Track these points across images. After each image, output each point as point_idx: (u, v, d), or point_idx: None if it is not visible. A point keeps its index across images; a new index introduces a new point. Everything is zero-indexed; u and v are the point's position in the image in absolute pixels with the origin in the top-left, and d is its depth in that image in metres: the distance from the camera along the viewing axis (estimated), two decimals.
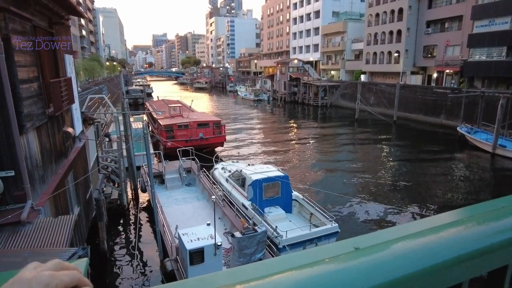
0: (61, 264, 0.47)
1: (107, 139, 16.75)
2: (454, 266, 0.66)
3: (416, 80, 42.38)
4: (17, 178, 5.14)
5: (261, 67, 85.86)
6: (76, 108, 9.79)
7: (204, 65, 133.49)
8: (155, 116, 25.20)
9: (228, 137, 25.71)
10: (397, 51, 43.42)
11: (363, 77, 49.71)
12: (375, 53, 47.73)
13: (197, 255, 8.35)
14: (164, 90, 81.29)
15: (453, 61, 36.57)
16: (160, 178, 15.80)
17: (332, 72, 60.30)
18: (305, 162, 22.13)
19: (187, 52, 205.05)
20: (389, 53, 44.98)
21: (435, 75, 40.12)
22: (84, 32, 65.93)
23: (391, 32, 44.46)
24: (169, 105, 25.96)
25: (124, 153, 15.44)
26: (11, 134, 5.09)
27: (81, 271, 0.50)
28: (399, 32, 43.00)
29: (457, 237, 0.70)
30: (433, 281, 0.64)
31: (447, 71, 37.98)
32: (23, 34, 6.11)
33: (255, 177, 12.05)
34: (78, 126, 9.89)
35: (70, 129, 8.38)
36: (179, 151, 15.50)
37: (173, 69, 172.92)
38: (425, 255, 0.64)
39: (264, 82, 67.37)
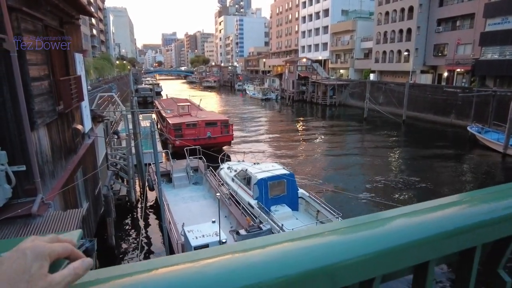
0: (56, 237, 0.54)
1: (116, 136, 17.00)
2: (423, 245, 0.73)
3: (426, 79, 41.88)
4: (28, 173, 5.30)
5: (269, 66, 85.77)
6: (85, 105, 9.98)
7: (213, 64, 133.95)
8: (163, 114, 25.45)
9: (235, 136, 25.82)
10: (407, 50, 42.96)
11: (372, 76, 49.31)
12: (384, 52, 47.31)
13: None
14: (173, 88, 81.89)
15: (464, 60, 36.03)
16: (167, 176, 15.98)
17: (341, 71, 59.95)
18: (312, 160, 22.11)
19: (196, 51, 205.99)
20: (399, 51, 44.53)
21: (445, 74, 39.59)
22: (94, 31, 66.80)
23: (401, 31, 44.00)
24: (178, 104, 26.19)
25: (133, 151, 15.66)
26: (23, 131, 5.26)
27: (75, 243, 0.57)
28: (409, 30, 42.53)
29: (430, 219, 0.78)
30: (408, 256, 0.73)
31: (458, 70, 37.44)
32: (35, 34, 6.27)
33: (260, 176, 12.12)
34: (88, 123, 10.08)
35: (79, 126, 8.57)
36: (186, 150, 15.65)
37: (182, 68, 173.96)
38: (403, 232, 0.73)
39: (273, 81, 67.31)
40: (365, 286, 0.72)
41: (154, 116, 30.73)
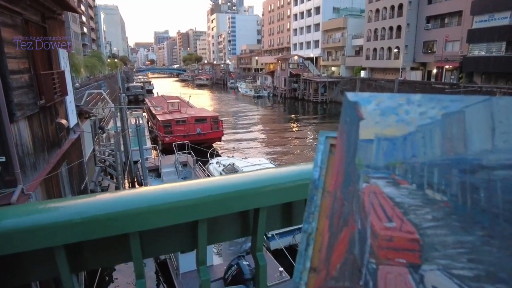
0: None
1: (101, 131, 16.96)
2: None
3: (416, 75, 42.31)
4: (8, 164, 5.33)
5: (262, 64, 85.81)
6: (70, 101, 9.97)
7: (206, 62, 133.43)
8: (153, 111, 25.43)
9: (227, 133, 25.87)
10: (397, 47, 43.34)
11: (363, 73, 49.65)
12: (375, 49, 47.65)
13: None
14: (165, 86, 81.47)
15: (452, 56, 36.50)
16: (157, 171, 16.01)
17: (333, 68, 60.23)
18: (303, 155, 22.27)
19: (188, 49, 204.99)
20: (389, 49, 44.90)
21: (434, 70, 40.06)
22: (85, 30, 66.09)
23: (391, 28, 44.36)
24: (168, 101, 26.18)
25: (122, 148, 15.65)
26: (1, 122, 5.28)
27: None
28: (399, 27, 42.90)
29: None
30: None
31: (447, 66, 37.91)
32: (14, 28, 6.27)
33: (246, 169, 12.24)
34: (73, 118, 10.08)
35: (63, 121, 8.57)
36: (175, 145, 15.70)
37: (175, 66, 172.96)
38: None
39: (265, 79, 67.40)
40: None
41: (145, 114, 30.66)
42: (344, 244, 0.64)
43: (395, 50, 43.69)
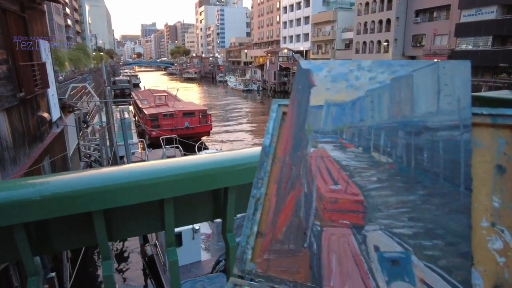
0: None
1: (85, 125, 16.68)
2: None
3: None
4: None
5: (251, 57, 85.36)
6: (52, 94, 9.75)
7: (194, 55, 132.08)
8: (140, 105, 25.12)
9: (216, 127, 25.75)
10: (386, 40, 43.61)
11: None
12: (364, 43, 47.86)
13: (175, 239, 8.56)
14: (152, 80, 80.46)
15: (441, 50, 36.92)
16: None
17: None
18: None
19: (176, 42, 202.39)
20: (379, 42, 45.15)
21: None
22: (69, 22, 64.58)
23: (380, 21, 44.56)
24: (155, 95, 25.87)
25: (108, 143, 15.41)
26: None
27: None
28: (388, 21, 43.12)
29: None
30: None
31: (435, 60, 38.24)
32: None
33: None
34: (55, 112, 9.87)
35: (45, 114, 8.39)
36: (162, 139, 15.56)
37: (162, 59, 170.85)
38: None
39: (254, 72, 67.12)
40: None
41: (131, 108, 30.26)
42: (290, 208, 0.64)
43: (385, 44, 43.97)
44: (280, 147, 0.72)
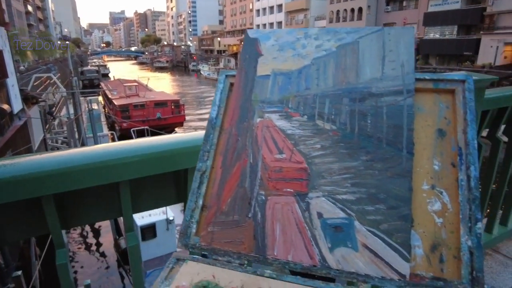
0: None
1: (51, 118, 15.97)
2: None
3: None
4: None
5: (224, 45, 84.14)
6: (13, 84, 9.20)
7: (165, 43, 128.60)
8: (110, 96, 24.25)
9: (189, 117, 25.33)
10: None
11: None
12: None
13: (149, 231, 8.44)
14: (122, 70, 77.86)
15: None
16: None
17: None
18: None
19: (146, 30, 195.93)
20: None
21: None
22: (30, 8, 60.85)
23: (352, 10, 45.03)
24: (125, 85, 25.01)
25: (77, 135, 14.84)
26: None
27: None
28: (360, 9, 43.64)
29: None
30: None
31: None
32: None
33: None
34: (17, 103, 9.33)
35: (5, 106, 7.91)
36: (133, 131, 15.14)
37: (132, 48, 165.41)
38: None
39: (228, 61, 66.34)
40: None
41: (101, 99, 29.17)
42: (236, 178, 0.62)
43: None
44: (226, 118, 0.69)
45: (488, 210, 2.44)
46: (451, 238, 0.53)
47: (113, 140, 17.42)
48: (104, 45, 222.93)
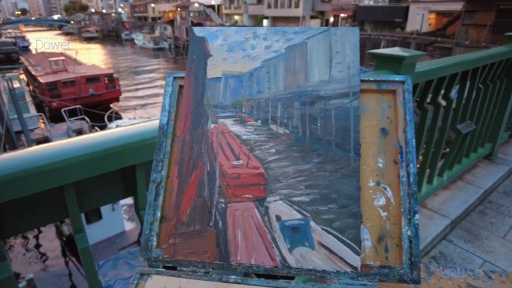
0: None
1: None
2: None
3: (315, 24, 44.31)
4: None
5: (159, 12, 78.93)
6: None
7: (93, 11, 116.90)
8: (33, 72, 21.73)
9: (126, 92, 23.86)
10: None
11: (265, 22, 49.88)
12: None
13: (94, 213, 8.08)
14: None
15: (347, 5, 38.98)
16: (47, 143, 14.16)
17: (236, 17, 58.92)
18: None
19: None
20: None
21: (331, 19, 42.47)
22: None
23: None
24: (50, 59, 22.50)
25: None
26: None
27: None
28: None
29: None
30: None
31: (342, 15, 40.52)
32: None
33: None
34: None
35: None
36: (65, 111, 13.92)
37: (55, 17, 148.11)
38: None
39: (164, 29, 62.75)
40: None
41: (23, 75, 26.07)
42: (194, 188, 0.61)
43: None
44: (179, 125, 0.67)
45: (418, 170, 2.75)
46: (394, 229, 0.59)
47: (44, 122, 15.87)
48: (19, 12, 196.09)
